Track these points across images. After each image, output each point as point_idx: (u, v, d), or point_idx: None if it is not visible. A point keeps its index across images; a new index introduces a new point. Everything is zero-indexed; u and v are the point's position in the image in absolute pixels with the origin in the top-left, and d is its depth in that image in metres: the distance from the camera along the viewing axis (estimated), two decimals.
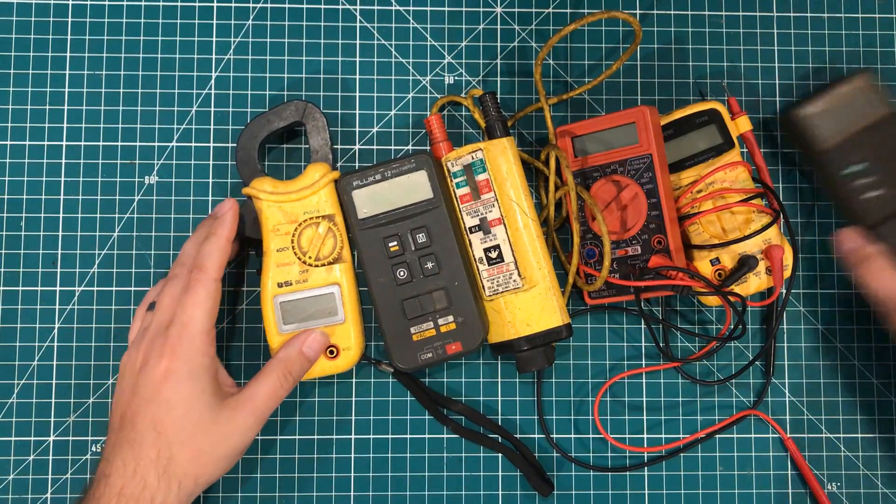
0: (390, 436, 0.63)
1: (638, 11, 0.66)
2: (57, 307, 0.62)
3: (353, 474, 0.62)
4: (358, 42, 0.65)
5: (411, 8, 0.65)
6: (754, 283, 0.60)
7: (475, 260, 0.59)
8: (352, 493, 0.62)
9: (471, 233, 0.59)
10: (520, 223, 0.59)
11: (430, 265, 0.59)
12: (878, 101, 0.61)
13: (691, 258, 0.61)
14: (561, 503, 0.63)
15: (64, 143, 0.63)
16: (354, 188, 0.59)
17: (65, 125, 0.64)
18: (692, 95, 0.66)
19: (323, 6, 0.65)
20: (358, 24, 0.65)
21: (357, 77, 0.65)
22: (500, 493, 0.62)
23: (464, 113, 0.65)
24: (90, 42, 0.64)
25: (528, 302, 0.58)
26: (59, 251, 0.63)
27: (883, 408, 0.64)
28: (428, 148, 0.64)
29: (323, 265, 0.59)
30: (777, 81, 0.66)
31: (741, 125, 0.63)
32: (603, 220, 0.59)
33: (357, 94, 0.65)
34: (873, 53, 0.67)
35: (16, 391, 0.62)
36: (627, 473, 0.63)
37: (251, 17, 0.65)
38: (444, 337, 0.59)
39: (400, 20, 0.65)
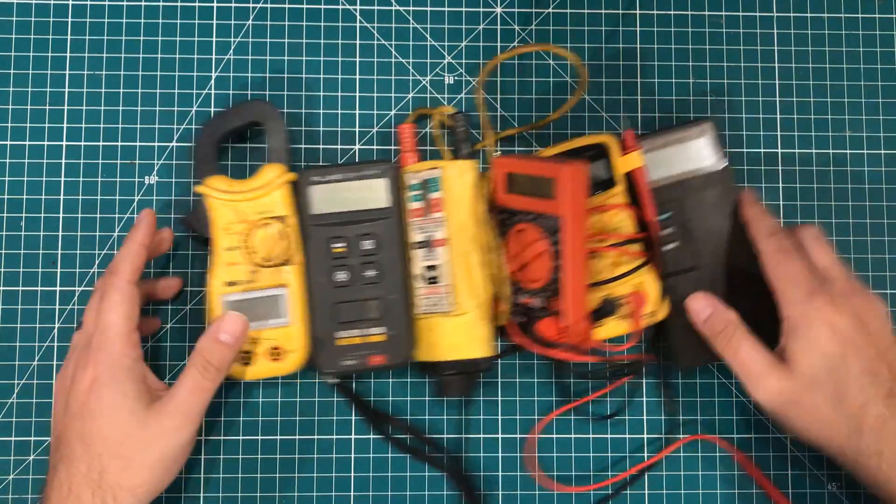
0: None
1: (638, 11, 0.66)
2: (57, 307, 0.62)
3: (353, 474, 0.62)
4: (358, 42, 0.65)
5: (411, 8, 0.65)
6: (613, 327, 0.59)
7: (414, 276, 0.59)
8: (352, 493, 0.62)
9: (414, 248, 0.59)
10: (464, 248, 0.58)
11: (371, 273, 0.58)
12: (707, 156, 0.60)
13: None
14: None
15: (64, 143, 0.64)
16: (312, 183, 0.59)
17: (65, 125, 0.64)
18: (692, 96, 0.66)
19: (323, 6, 0.65)
20: (358, 24, 0.65)
21: (357, 77, 0.65)
22: (499, 492, 0.62)
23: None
24: (90, 42, 0.64)
25: (456, 328, 0.58)
26: (59, 251, 0.63)
27: None
28: (394, 158, 0.63)
29: (272, 266, 0.58)
30: (777, 81, 0.66)
31: (631, 161, 0.60)
32: (502, 265, 0.58)
33: (357, 94, 0.65)
34: (873, 53, 0.67)
35: (16, 391, 0.62)
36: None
37: (251, 17, 0.65)
38: (371, 347, 0.58)
39: (400, 20, 0.65)
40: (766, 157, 0.66)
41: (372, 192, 0.59)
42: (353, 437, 0.62)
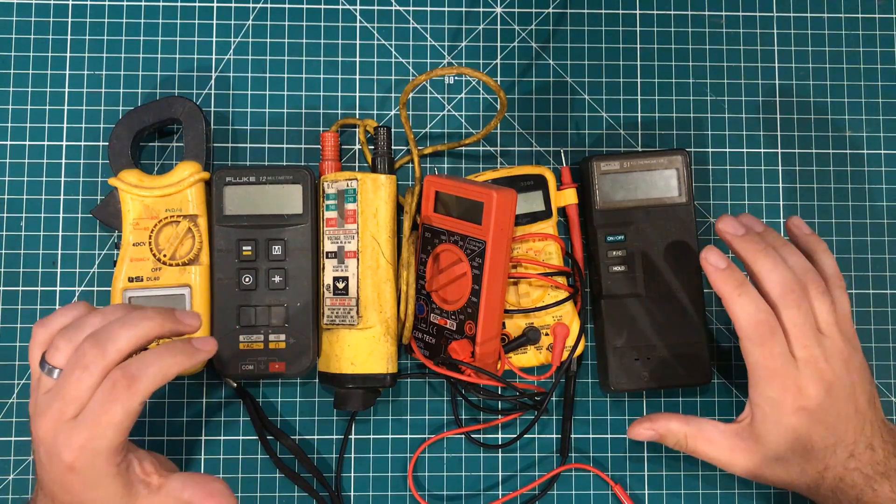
0: (390, 436, 0.63)
1: (638, 11, 0.66)
2: (57, 307, 0.62)
3: (353, 474, 0.62)
4: (358, 42, 0.65)
5: (411, 8, 0.65)
6: (532, 356, 0.60)
7: (323, 286, 0.59)
8: (352, 493, 0.62)
9: (326, 258, 0.59)
10: (375, 263, 0.58)
11: (277, 279, 0.58)
12: (673, 187, 0.61)
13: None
14: None
15: (64, 143, 0.63)
16: (227, 183, 0.59)
17: (65, 125, 0.64)
18: (692, 96, 0.66)
19: (323, 6, 0.65)
20: (358, 24, 0.65)
21: (357, 77, 0.65)
22: (499, 492, 0.62)
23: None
24: (90, 42, 0.64)
25: (359, 341, 0.58)
26: (59, 251, 0.63)
27: (883, 408, 0.64)
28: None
29: (178, 265, 0.58)
30: (777, 82, 0.66)
31: (567, 197, 0.62)
32: (408, 282, 0.58)
33: (357, 94, 0.65)
34: (873, 53, 0.67)
35: (16, 391, 0.62)
36: None
37: (251, 17, 0.65)
38: (271, 354, 0.58)
39: (400, 20, 0.65)
40: (766, 157, 0.66)
41: (286, 198, 0.59)
42: (353, 437, 0.62)
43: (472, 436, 0.62)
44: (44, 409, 0.49)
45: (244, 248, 0.59)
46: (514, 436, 0.62)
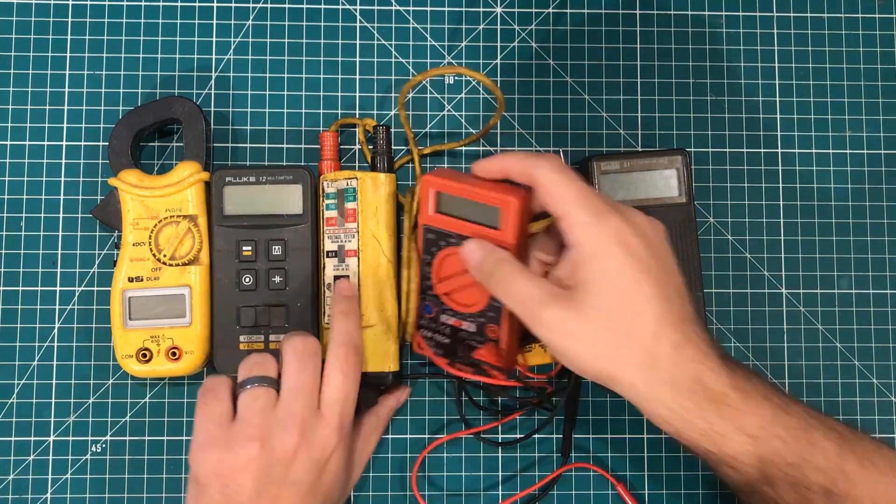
0: (391, 436, 0.63)
1: (638, 11, 0.66)
2: (57, 307, 0.62)
3: None
4: (358, 42, 0.65)
5: (411, 8, 0.66)
6: (538, 354, 0.60)
7: (324, 285, 0.59)
8: (352, 493, 0.62)
9: (327, 257, 0.59)
10: (375, 261, 0.58)
11: (277, 279, 0.58)
12: (673, 187, 0.61)
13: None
14: None
15: (64, 143, 0.63)
16: (227, 183, 0.59)
17: (65, 125, 0.64)
18: (692, 96, 0.66)
19: (323, 6, 0.65)
20: (358, 24, 0.65)
21: (357, 77, 0.65)
22: (499, 492, 0.62)
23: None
24: (90, 42, 0.64)
25: None
26: (59, 251, 0.63)
27: (883, 408, 0.64)
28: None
29: (178, 265, 0.58)
30: (777, 81, 0.66)
31: None
32: (409, 280, 0.58)
33: (357, 94, 0.65)
34: (873, 53, 0.67)
35: (16, 391, 0.62)
36: None
37: (251, 17, 0.65)
38: (273, 353, 0.57)
39: (400, 20, 0.65)
40: (766, 157, 0.66)
41: (286, 198, 0.59)
42: None
43: (483, 436, 0.62)
44: (285, 421, 0.51)
45: (244, 248, 0.59)
46: (520, 436, 0.62)
